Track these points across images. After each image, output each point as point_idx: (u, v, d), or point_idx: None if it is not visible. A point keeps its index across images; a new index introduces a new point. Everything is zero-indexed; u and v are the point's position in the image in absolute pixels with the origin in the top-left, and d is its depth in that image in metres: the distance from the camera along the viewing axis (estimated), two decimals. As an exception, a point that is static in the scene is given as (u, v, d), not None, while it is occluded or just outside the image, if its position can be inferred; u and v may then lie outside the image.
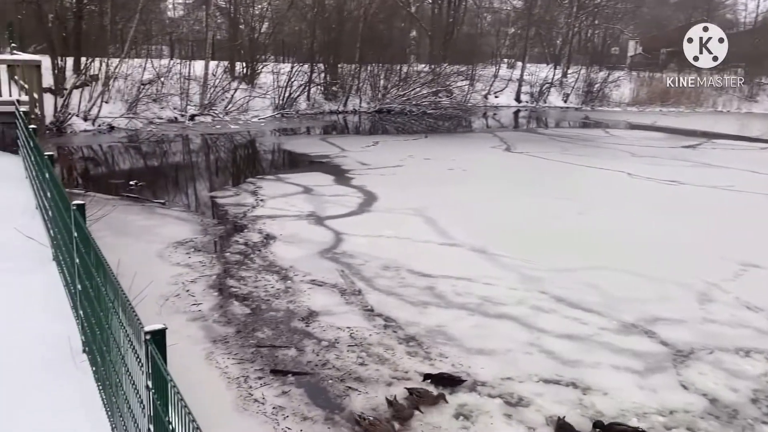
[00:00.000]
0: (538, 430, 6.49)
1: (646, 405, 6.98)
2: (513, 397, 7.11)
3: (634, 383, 7.47)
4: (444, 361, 7.83)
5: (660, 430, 6.54)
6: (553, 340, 8.47)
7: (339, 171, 19.63)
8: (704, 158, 24.85)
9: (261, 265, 10.95)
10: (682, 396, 7.21)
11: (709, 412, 6.91)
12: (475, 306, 9.54)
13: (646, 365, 7.88)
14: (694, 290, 10.35)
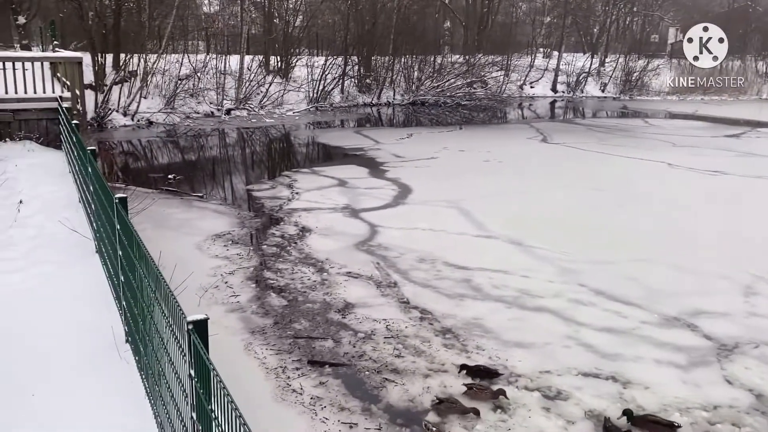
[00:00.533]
0: (577, 424, 6.41)
1: (689, 400, 6.83)
2: (551, 390, 7.03)
3: (676, 377, 7.31)
4: (481, 354, 7.78)
5: (704, 426, 6.39)
6: (592, 334, 8.35)
7: (373, 163, 19.64)
8: (748, 147, 24.13)
9: (297, 257, 11.03)
10: (727, 391, 7.04)
11: (755, 407, 6.73)
12: (512, 298, 9.46)
13: (689, 359, 7.71)
14: (739, 283, 10.07)
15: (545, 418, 6.46)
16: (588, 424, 6.41)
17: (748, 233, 12.86)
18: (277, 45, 37.07)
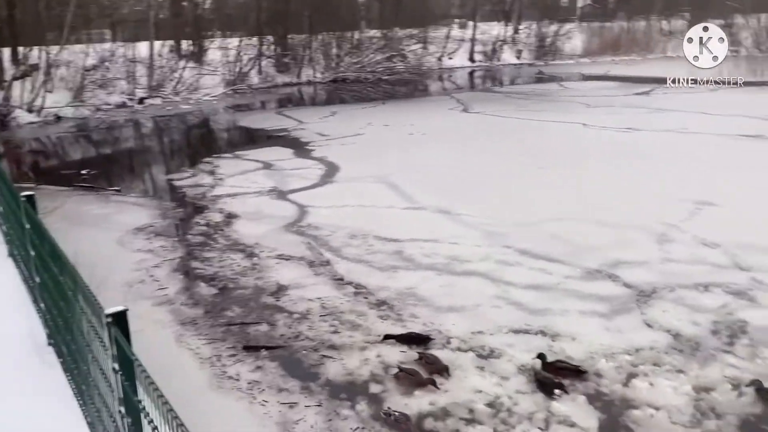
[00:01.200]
0: (510, 380, 6.64)
1: (613, 345, 7.19)
2: (484, 349, 7.24)
3: (600, 326, 7.67)
4: (416, 322, 7.91)
5: (627, 368, 6.74)
6: (520, 292, 8.63)
7: (298, 144, 19.43)
8: (657, 104, 25.29)
9: (225, 244, 10.83)
10: (647, 334, 7.44)
11: (673, 347, 7.15)
12: (442, 266, 9.64)
13: (611, 308, 8.10)
14: (654, 233, 10.62)
15: (480, 377, 6.65)
16: (521, 379, 6.65)
17: (661, 185, 13.53)
18: (187, 28, 35.81)
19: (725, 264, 9.27)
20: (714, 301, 8.12)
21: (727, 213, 11.46)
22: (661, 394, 6.31)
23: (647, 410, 6.06)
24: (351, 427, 5.95)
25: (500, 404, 6.25)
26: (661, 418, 5.95)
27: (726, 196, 12.31)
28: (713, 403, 6.13)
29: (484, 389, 6.48)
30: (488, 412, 6.14)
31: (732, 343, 7.17)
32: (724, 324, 7.57)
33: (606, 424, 5.91)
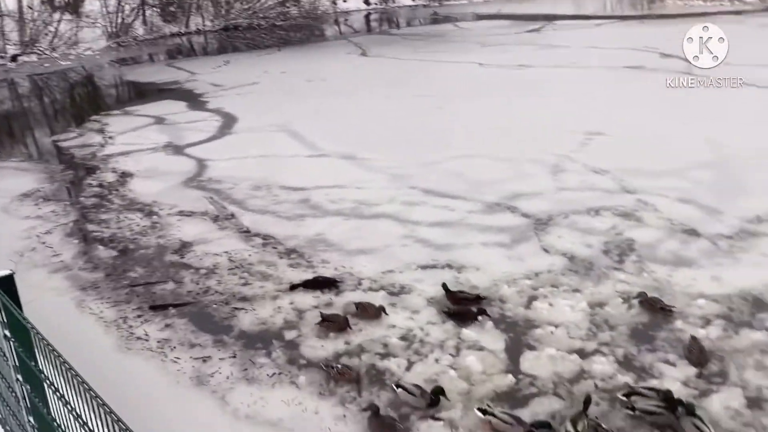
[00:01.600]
0: (421, 313, 6.86)
1: (515, 272, 7.56)
2: (395, 287, 7.41)
3: (502, 255, 8.03)
4: (327, 267, 7.96)
5: (528, 292, 7.13)
6: (426, 230, 8.84)
7: (191, 96, 18.62)
8: (547, 40, 26.06)
9: (121, 204, 10.35)
10: (545, 259, 7.87)
11: (569, 268, 7.61)
12: (350, 210, 9.69)
13: (512, 237, 8.47)
14: (548, 164, 11.10)
15: (392, 313, 6.82)
16: (431, 311, 6.88)
17: (553, 118, 14.09)
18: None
19: (613, 189, 9.87)
20: (604, 224, 8.66)
21: (615, 141, 12.13)
22: (559, 312, 6.73)
23: (548, 328, 6.46)
24: (268, 373, 5.98)
25: (413, 336, 6.47)
26: (561, 334, 6.37)
27: (613, 125, 13.00)
28: (606, 317, 6.61)
29: (397, 324, 6.66)
30: (402, 345, 6.33)
31: (622, 261, 7.72)
32: (614, 244, 8.12)
33: (511, 345, 6.26)
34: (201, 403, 5.61)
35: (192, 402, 5.63)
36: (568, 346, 6.19)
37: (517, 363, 5.99)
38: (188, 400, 5.65)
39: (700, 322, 6.41)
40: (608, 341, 6.22)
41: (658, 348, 6.09)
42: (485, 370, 5.93)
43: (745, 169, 10.31)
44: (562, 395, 5.56)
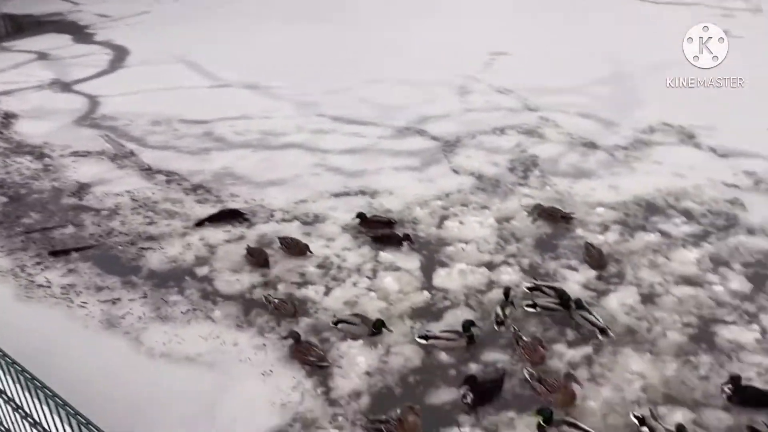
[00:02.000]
0: (336, 240, 6.87)
1: (426, 194, 7.67)
2: (309, 216, 7.36)
3: (413, 178, 8.11)
4: (236, 200, 7.77)
5: (439, 212, 7.28)
6: (337, 158, 8.76)
7: (76, 28, 17.15)
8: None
9: (7, 148, 9.58)
10: (454, 179, 8.01)
11: (477, 187, 7.80)
12: (257, 142, 9.42)
13: (422, 160, 8.54)
14: (455, 86, 11.14)
15: (308, 241, 6.80)
16: (346, 237, 6.91)
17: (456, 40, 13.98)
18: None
19: (517, 107, 10.08)
20: (509, 142, 8.88)
21: (518, 61, 12.29)
22: (469, 229, 6.93)
23: (459, 245, 6.65)
24: (182, 310, 5.86)
25: (329, 263, 6.49)
26: (471, 249, 6.58)
27: (517, 44, 13.10)
28: (513, 230, 6.88)
29: (313, 252, 6.64)
30: (319, 273, 6.35)
31: (526, 176, 7.98)
32: (519, 161, 8.36)
33: (426, 263, 6.42)
34: (113, 346, 5.46)
35: (103, 345, 5.47)
36: (477, 260, 6.42)
37: (431, 280, 6.17)
38: (99, 344, 5.48)
39: (599, 228, 6.79)
40: (515, 252, 6.49)
41: (561, 255, 6.42)
42: (402, 289, 6.07)
43: (640, 82, 10.75)
44: (473, 306, 5.80)
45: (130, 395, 4.85)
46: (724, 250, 6.30)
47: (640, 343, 5.21)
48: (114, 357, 5.32)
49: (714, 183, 7.44)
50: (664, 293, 5.75)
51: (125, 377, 5.05)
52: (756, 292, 5.72)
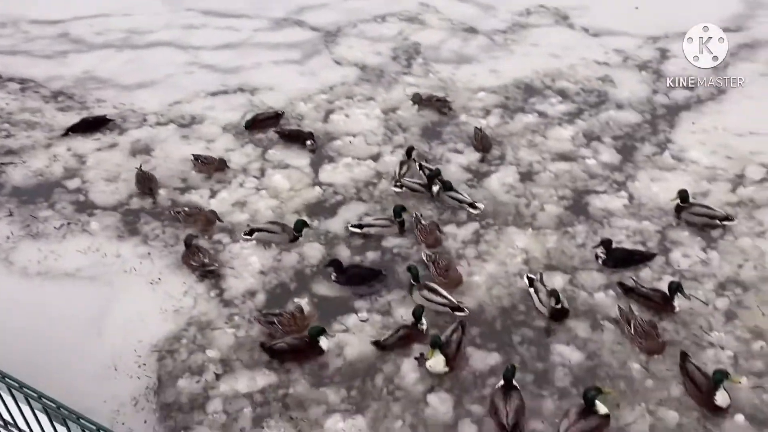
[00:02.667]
0: (216, 141, 6.57)
1: (309, 88, 7.42)
2: (185, 118, 6.95)
3: (295, 72, 7.79)
4: (103, 106, 7.17)
5: (325, 106, 7.09)
6: (211, 54, 8.22)
7: None
8: None
9: None
10: (338, 71, 7.77)
11: (361, 78, 7.63)
12: (121, 41, 8.62)
13: (303, 53, 8.19)
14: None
15: (186, 144, 6.46)
16: (228, 137, 6.62)
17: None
18: None
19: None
20: (391, 30, 8.66)
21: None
22: (356, 122, 6.83)
23: (346, 139, 6.56)
24: (55, 226, 5.47)
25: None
26: (359, 142, 6.52)
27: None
28: (399, 120, 6.85)
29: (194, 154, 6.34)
30: (201, 176, 6.08)
31: (410, 65, 7.88)
32: (402, 49, 8.21)
33: (315, 159, 6.30)
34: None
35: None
36: (366, 152, 6.38)
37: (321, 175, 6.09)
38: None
39: (481, 113, 6.90)
40: (402, 142, 6.49)
41: (447, 141, 6.51)
42: (292, 187, 5.96)
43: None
44: (365, 198, 5.82)
45: (10, 320, 4.55)
46: (596, 126, 6.62)
47: (521, 220, 5.46)
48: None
49: (587, 62, 7.69)
50: (542, 170, 6.01)
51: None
52: (624, 162, 6.10)
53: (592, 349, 4.35)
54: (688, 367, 4.03)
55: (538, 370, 4.23)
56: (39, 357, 4.23)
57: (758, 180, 5.74)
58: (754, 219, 5.33)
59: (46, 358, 4.24)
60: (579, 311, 4.61)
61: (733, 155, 6.05)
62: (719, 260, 4.95)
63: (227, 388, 4.15)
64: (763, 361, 4.19)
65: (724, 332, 4.39)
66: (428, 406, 4.03)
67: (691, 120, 6.60)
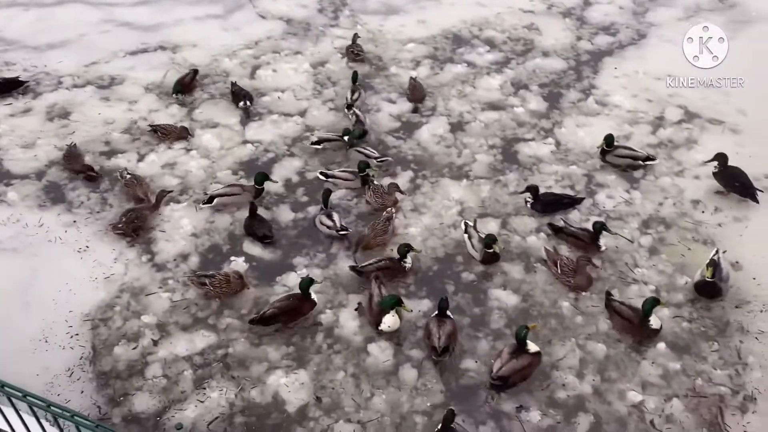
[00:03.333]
0: (140, 102, 6.31)
1: (234, 43, 7.18)
2: (104, 79, 6.63)
3: (218, 27, 7.51)
4: (12, 69, 6.74)
5: (251, 62, 6.89)
6: (128, 11, 7.81)
7: None
8: None
9: None
10: (263, 26, 7.54)
11: (287, 32, 7.43)
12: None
13: (225, 7, 7.88)
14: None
15: (107, 107, 6.18)
16: (151, 98, 6.36)
17: None
18: None
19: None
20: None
21: None
22: (284, 77, 6.69)
23: (274, 95, 6.42)
24: (-34, 198, 5.18)
25: (137, 128, 5.99)
26: (287, 98, 6.39)
27: None
28: (329, 74, 6.74)
29: (116, 117, 6.08)
30: (126, 139, 5.86)
31: (337, 17, 7.72)
32: (328, 1, 8.02)
33: (244, 117, 6.14)
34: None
35: None
36: (296, 107, 6.27)
37: (248, 133, 5.96)
38: None
39: (411, 64, 6.87)
40: (333, 96, 6.41)
41: (380, 90, 6.47)
42: (223, 146, 5.82)
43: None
44: (297, 153, 5.74)
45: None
46: (524, 74, 6.71)
47: (457, 171, 5.52)
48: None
49: (513, 10, 7.73)
50: (472, 120, 6.07)
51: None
52: (550, 109, 6.23)
53: (526, 290, 4.51)
54: (613, 305, 4.24)
55: (475, 315, 4.36)
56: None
57: (676, 121, 6.00)
58: (673, 159, 5.59)
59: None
60: (513, 254, 4.75)
61: (653, 98, 6.29)
62: (642, 199, 5.18)
63: (166, 352, 4.10)
64: (683, 294, 4.44)
65: (648, 268, 4.63)
66: (369, 355, 4.09)
67: (613, 65, 6.79)
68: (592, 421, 3.76)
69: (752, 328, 4.20)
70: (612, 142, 5.48)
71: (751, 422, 3.70)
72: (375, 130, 5.94)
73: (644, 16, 7.53)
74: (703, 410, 3.78)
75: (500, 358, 3.90)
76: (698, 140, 5.77)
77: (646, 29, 7.32)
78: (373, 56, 6.91)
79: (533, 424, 3.75)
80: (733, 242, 4.78)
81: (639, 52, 7.00)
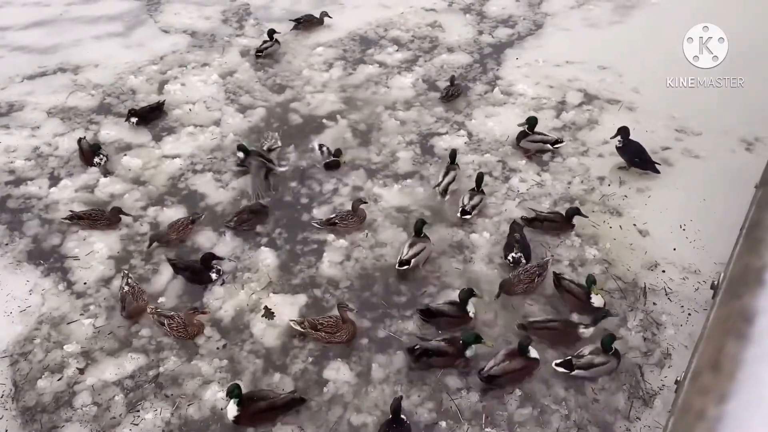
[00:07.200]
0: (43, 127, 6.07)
1: (138, 60, 7.01)
2: (1, 106, 6.34)
3: (120, 45, 7.32)
4: None
5: (158, 78, 6.74)
6: (22, 34, 7.51)
7: None
8: None
9: None
10: (167, 40, 7.40)
11: (192, 44, 7.33)
12: None
13: (125, 24, 7.70)
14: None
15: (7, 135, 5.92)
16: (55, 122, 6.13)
17: None
18: None
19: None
20: (220, -7, 8.36)
21: None
22: (194, 90, 6.59)
23: (185, 107, 6.32)
24: None
25: (41, 153, 5.76)
26: (200, 109, 6.30)
27: None
28: (239, 83, 6.69)
29: (18, 146, 5.82)
30: (31, 165, 5.62)
31: (242, 26, 7.67)
32: (231, 11, 7.97)
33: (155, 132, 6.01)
34: None
35: None
36: (209, 118, 6.20)
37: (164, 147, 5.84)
38: None
39: (324, 67, 6.91)
40: (248, 103, 6.37)
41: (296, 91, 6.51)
42: (144, 165, 5.66)
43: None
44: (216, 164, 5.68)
45: None
46: (432, 71, 6.88)
47: (375, 172, 5.59)
48: None
49: (415, 10, 7.91)
50: (388, 119, 6.17)
51: None
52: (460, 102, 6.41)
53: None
54: (563, 284, 4.36)
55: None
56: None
57: (577, 104, 6.31)
58: (578, 140, 5.87)
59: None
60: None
61: (554, 84, 6.58)
62: (552, 180, 5.42)
63: (94, 379, 3.96)
64: (598, 267, 4.66)
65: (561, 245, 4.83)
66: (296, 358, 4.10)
67: (515, 56, 7.06)
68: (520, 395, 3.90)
69: (664, 288, 4.46)
70: (535, 124, 5.67)
71: (668, 376, 3.93)
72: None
73: (539, 7, 7.87)
74: (625, 373, 3.99)
75: (494, 358, 3.91)
76: (599, 120, 6.08)
77: (542, 19, 7.65)
78: (284, 61, 6.91)
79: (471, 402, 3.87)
80: (639, 211, 5.07)
81: (537, 41, 7.31)
